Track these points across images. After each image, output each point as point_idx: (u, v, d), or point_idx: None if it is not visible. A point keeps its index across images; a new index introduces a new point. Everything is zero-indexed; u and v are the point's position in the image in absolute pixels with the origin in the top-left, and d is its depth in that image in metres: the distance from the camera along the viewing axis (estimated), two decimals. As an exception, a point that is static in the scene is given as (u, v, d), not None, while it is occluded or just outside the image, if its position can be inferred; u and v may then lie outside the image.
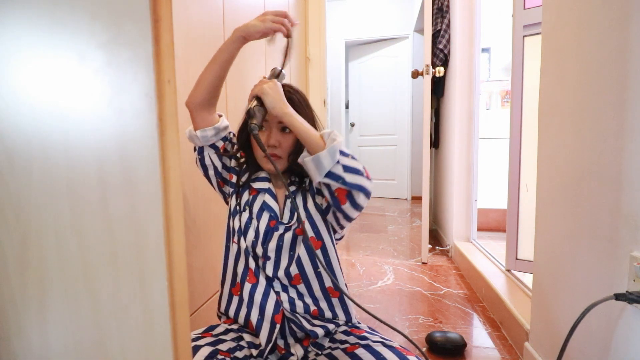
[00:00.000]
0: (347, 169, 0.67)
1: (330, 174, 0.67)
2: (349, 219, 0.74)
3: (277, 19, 0.76)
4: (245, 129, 0.81)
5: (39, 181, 0.35)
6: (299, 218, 0.76)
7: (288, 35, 0.78)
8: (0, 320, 0.37)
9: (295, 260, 0.75)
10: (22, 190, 0.35)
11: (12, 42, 0.34)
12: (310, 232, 0.75)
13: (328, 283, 0.77)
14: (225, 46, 0.76)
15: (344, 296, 0.78)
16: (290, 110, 0.72)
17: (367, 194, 0.70)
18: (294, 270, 0.75)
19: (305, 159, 0.69)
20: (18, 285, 0.36)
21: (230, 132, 0.85)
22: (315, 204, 0.78)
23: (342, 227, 0.79)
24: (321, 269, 0.76)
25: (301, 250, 0.75)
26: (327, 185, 0.69)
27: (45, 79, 0.34)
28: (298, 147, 0.79)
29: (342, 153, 0.68)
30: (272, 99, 0.71)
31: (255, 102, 0.72)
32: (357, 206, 0.71)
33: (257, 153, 0.79)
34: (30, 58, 0.34)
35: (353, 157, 0.70)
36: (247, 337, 0.75)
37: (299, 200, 0.78)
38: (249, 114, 0.72)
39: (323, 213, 0.77)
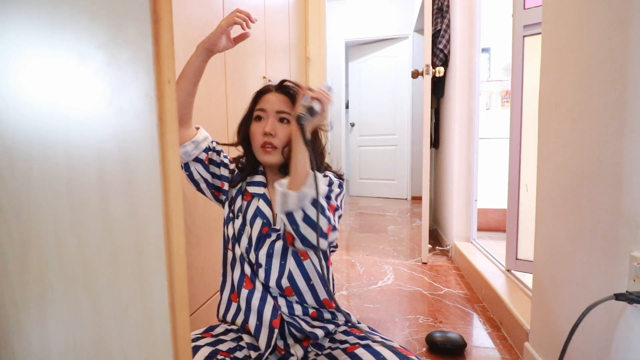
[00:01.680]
0: (307, 219, 0.65)
1: (289, 215, 0.66)
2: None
3: (235, 14, 0.74)
4: (246, 123, 0.80)
5: (39, 181, 0.35)
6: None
7: (247, 27, 0.76)
8: (0, 320, 0.37)
9: (287, 273, 0.74)
10: (22, 190, 0.35)
11: (12, 42, 0.34)
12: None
13: (323, 295, 0.77)
14: (191, 62, 0.75)
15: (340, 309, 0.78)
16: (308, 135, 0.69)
17: (313, 249, 0.67)
18: (285, 282, 0.74)
19: (277, 187, 0.67)
20: (18, 285, 0.36)
21: (212, 142, 0.84)
22: None
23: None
24: (314, 282, 0.76)
25: (291, 264, 0.75)
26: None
27: (45, 79, 0.34)
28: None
29: (315, 204, 0.65)
30: (325, 117, 0.70)
31: (319, 106, 0.69)
32: (298, 249, 0.70)
33: (254, 144, 0.78)
34: (30, 58, 0.34)
35: (324, 212, 0.66)
36: (247, 338, 0.75)
37: None
38: (310, 109, 0.68)
39: None
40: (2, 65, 0.34)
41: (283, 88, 0.79)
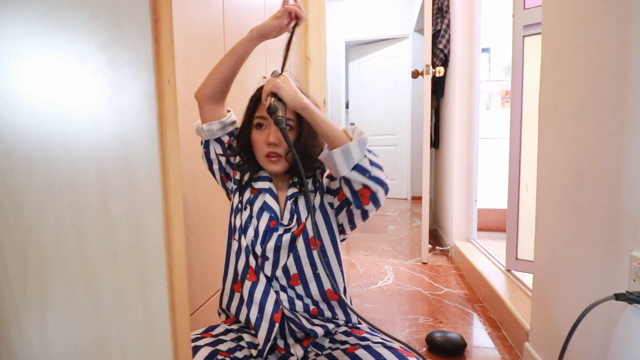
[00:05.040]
0: (372, 163, 0.67)
1: (357, 167, 0.67)
2: (365, 217, 0.75)
3: (292, 6, 0.77)
4: (246, 130, 0.80)
5: (39, 181, 0.35)
6: (299, 220, 0.76)
7: (299, 20, 0.79)
8: (0, 320, 0.37)
9: (294, 258, 0.75)
10: (22, 190, 0.35)
11: (12, 42, 0.34)
12: (310, 232, 0.75)
13: (327, 286, 0.77)
14: (242, 43, 0.78)
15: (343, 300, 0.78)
16: (308, 102, 0.70)
17: (387, 190, 0.70)
18: (292, 268, 0.75)
19: (332, 150, 0.67)
20: (18, 285, 0.36)
21: (237, 129, 0.84)
22: (322, 203, 0.77)
23: (354, 227, 0.78)
24: (320, 271, 0.75)
25: (300, 251, 0.75)
26: (349, 183, 0.68)
27: (45, 79, 0.34)
28: (298, 147, 0.77)
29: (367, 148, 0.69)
30: (287, 92, 0.70)
31: (272, 98, 0.71)
32: (377, 204, 0.71)
33: (258, 153, 0.78)
34: (30, 58, 0.34)
35: (375, 154, 0.70)
36: (247, 337, 0.75)
37: (301, 201, 0.78)
38: (270, 110, 0.69)
39: (332, 213, 0.77)
40: (2, 65, 0.34)
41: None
